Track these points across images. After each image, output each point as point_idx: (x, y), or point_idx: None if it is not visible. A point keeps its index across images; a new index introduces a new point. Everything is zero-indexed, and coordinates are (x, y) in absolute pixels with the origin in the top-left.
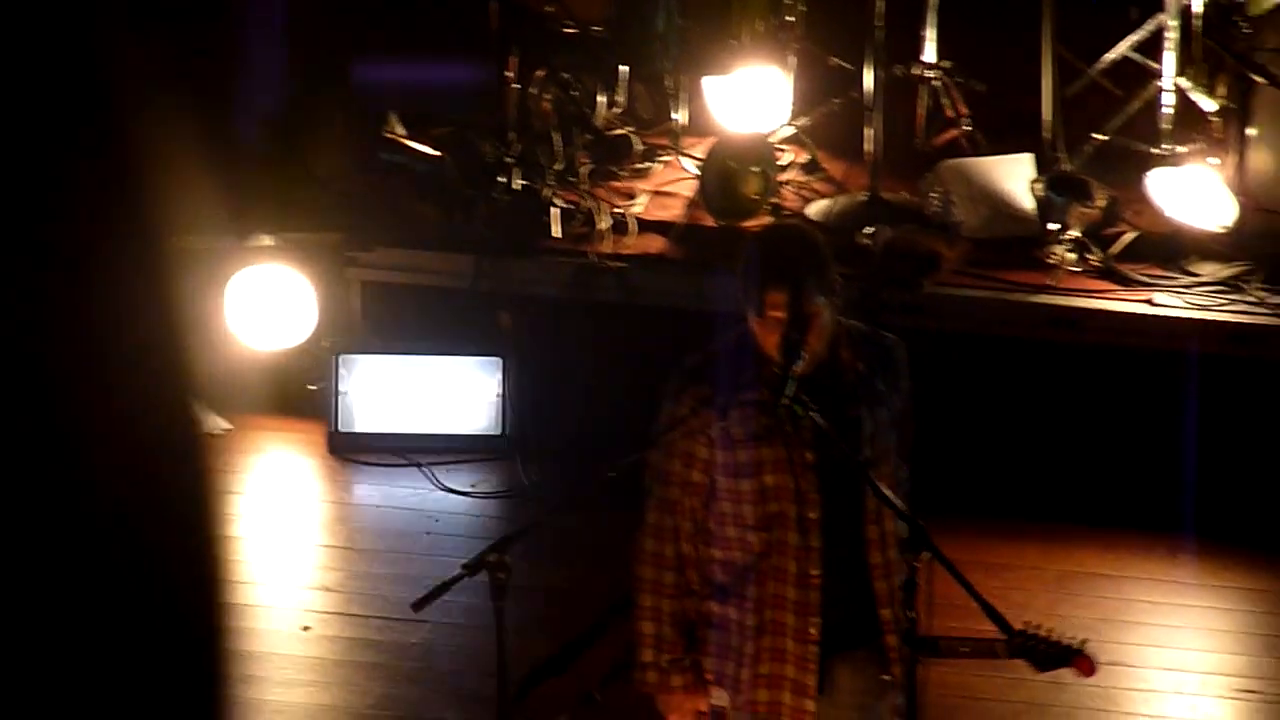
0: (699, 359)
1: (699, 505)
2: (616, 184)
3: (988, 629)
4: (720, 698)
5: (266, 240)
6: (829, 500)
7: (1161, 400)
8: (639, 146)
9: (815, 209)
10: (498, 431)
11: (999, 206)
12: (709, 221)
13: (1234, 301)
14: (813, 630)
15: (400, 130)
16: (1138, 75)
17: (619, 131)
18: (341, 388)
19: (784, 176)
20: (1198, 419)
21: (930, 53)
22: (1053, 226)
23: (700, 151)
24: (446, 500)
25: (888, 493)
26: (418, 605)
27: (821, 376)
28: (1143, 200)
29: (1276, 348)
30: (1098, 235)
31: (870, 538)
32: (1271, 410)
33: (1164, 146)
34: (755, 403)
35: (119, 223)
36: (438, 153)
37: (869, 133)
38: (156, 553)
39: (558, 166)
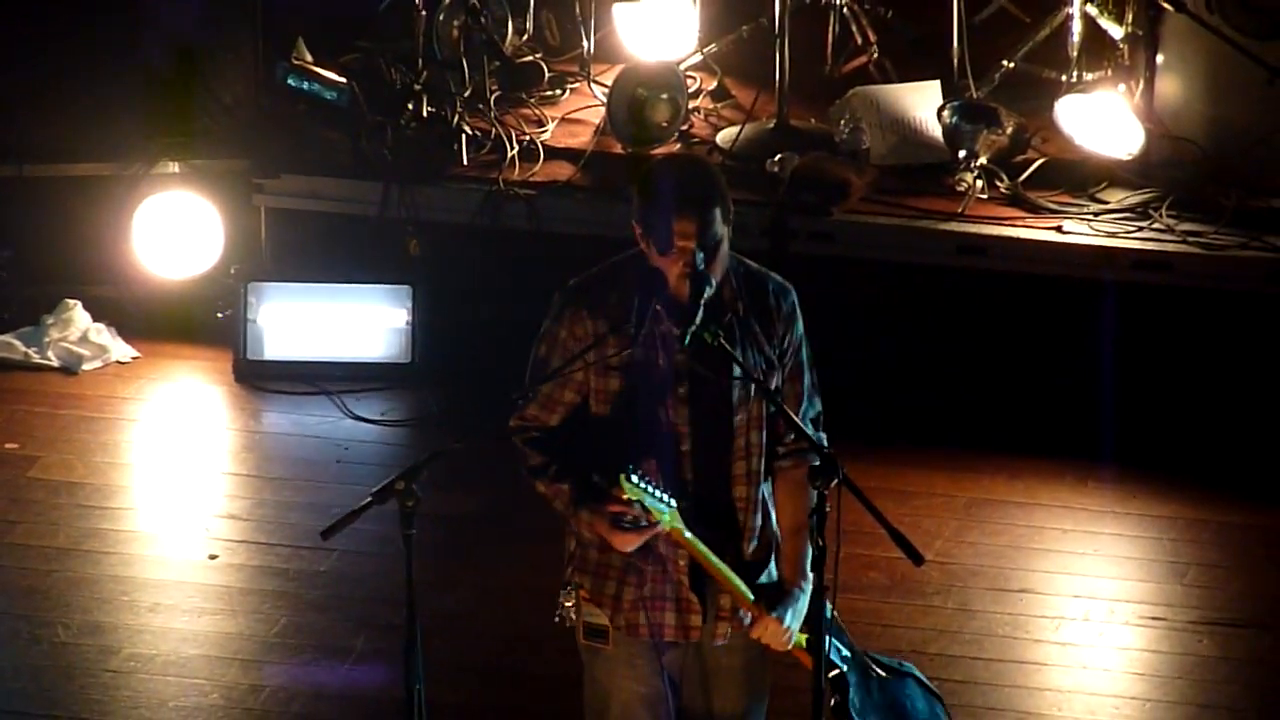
0: (584, 283)
1: (553, 417)
2: (525, 111)
3: (896, 556)
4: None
5: (173, 168)
6: (696, 434)
7: (1071, 327)
8: (548, 74)
9: (724, 136)
10: (407, 359)
11: (907, 134)
12: (617, 148)
13: (1142, 228)
14: (681, 563)
15: (308, 57)
16: (1046, 2)
17: (527, 59)
18: (249, 316)
19: (693, 104)
20: (1107, 346)
21: None
22: (961, 154)
23: (609, 79)
24: (356, 428)
25: (795, 419)
26: (326, 533)
27: (705, 308)
28: (1051, 127)
29: (1184, 274)
30: (1006, 162)
31: (736, 473)
32: (1179, 336)
33: (1072, 74)
34: (632, 333)
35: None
36: (345, 80)
37: (777, 59)
38: None
39: (466, 93)
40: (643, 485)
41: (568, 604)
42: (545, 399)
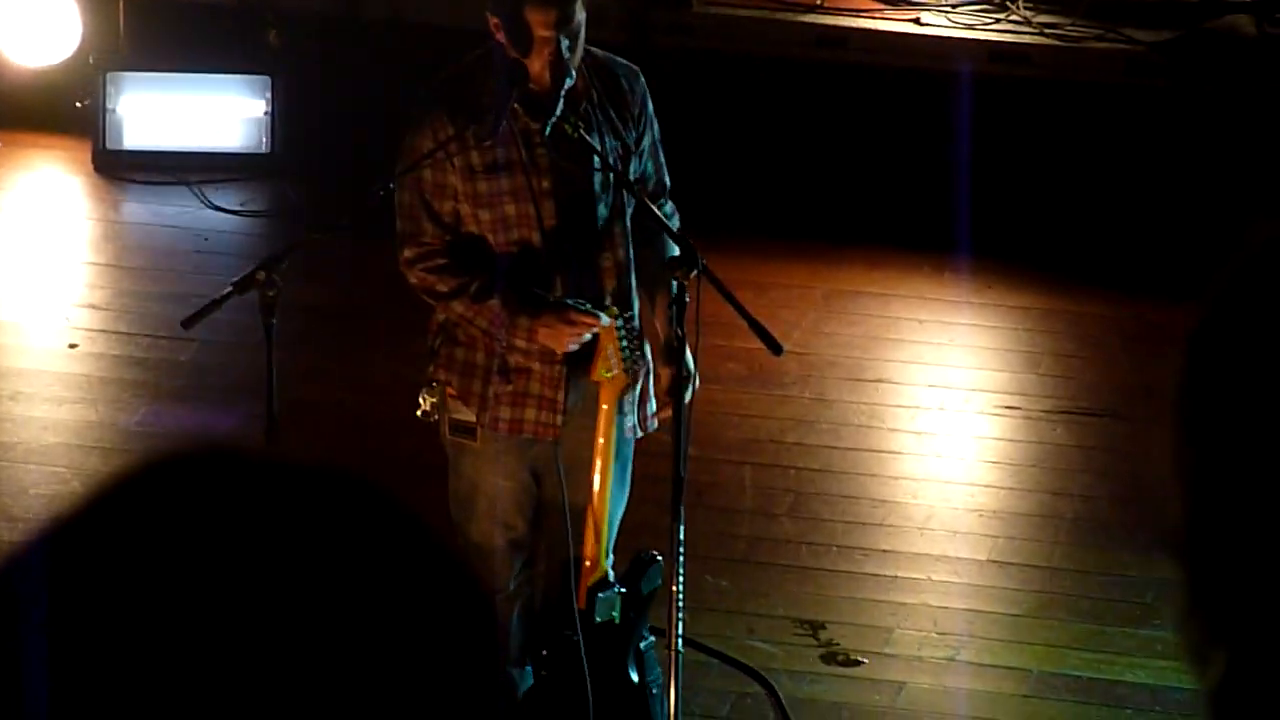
0: (439, 85)
1: (445, 234)
2: None
3: (755, 346)
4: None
5: None
6: (564, 227)
7: (929, 120)
8: None
9: None
10: (266, 150)
11: None
12: None
13: (999, 20)
14: (557, 367)
15: None
16: None
17: None
18: (108, 105)
19: None
20: (964, 138)
21: None
22: None
23: None
24: (215, 219)
25: (656, 211)
26: (187, 323)
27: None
28: None
29: (1041, 66)
30: None
31: (604, 265)
32: (1036, 128)
33: None
34: (492, 131)
35: None
36: None
37: None
38: None
39: None
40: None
41: (432, 400)
42: (431, 213)
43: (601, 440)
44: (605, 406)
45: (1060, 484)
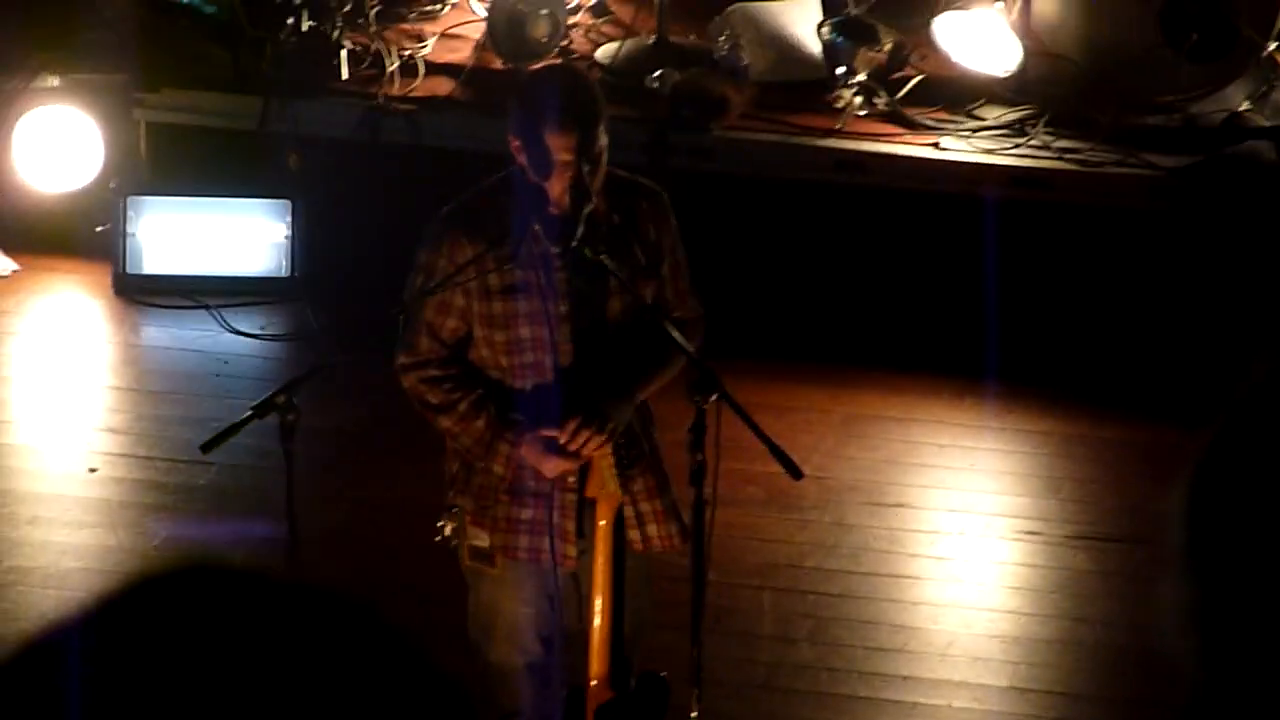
0: (460, 208)
1: (444, 349)
2: (405, 26)
3: (775, 470)
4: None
5: (53, 81)
6: (578, 349)
7: (950, 243)
8: None
9: (603, 52)
10: (286, 274)
11: (786, 51)
12: (497, 64)
13: (1019, 145)
14: (570, 477)
15: None
16: None
17: None
18: (129, 229)
19: (572, 19)
20: (986, 262)
21: None
22: (840, 71)
23: None
24: (235, 343)
25: (676, 335)
26: (207, 447)
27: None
28: (929, 45)
29: (1061, 190)
30: (885, 79)
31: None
32: (1057, 252)
33: None
34: (511, 253)
35: None
36: None
37: None
38: None
39: (346, 9)
40: None
41: (452, 525)
42: (431, 329)
43: (601, 558)
44: (602, 523)
45: (1082, 610)
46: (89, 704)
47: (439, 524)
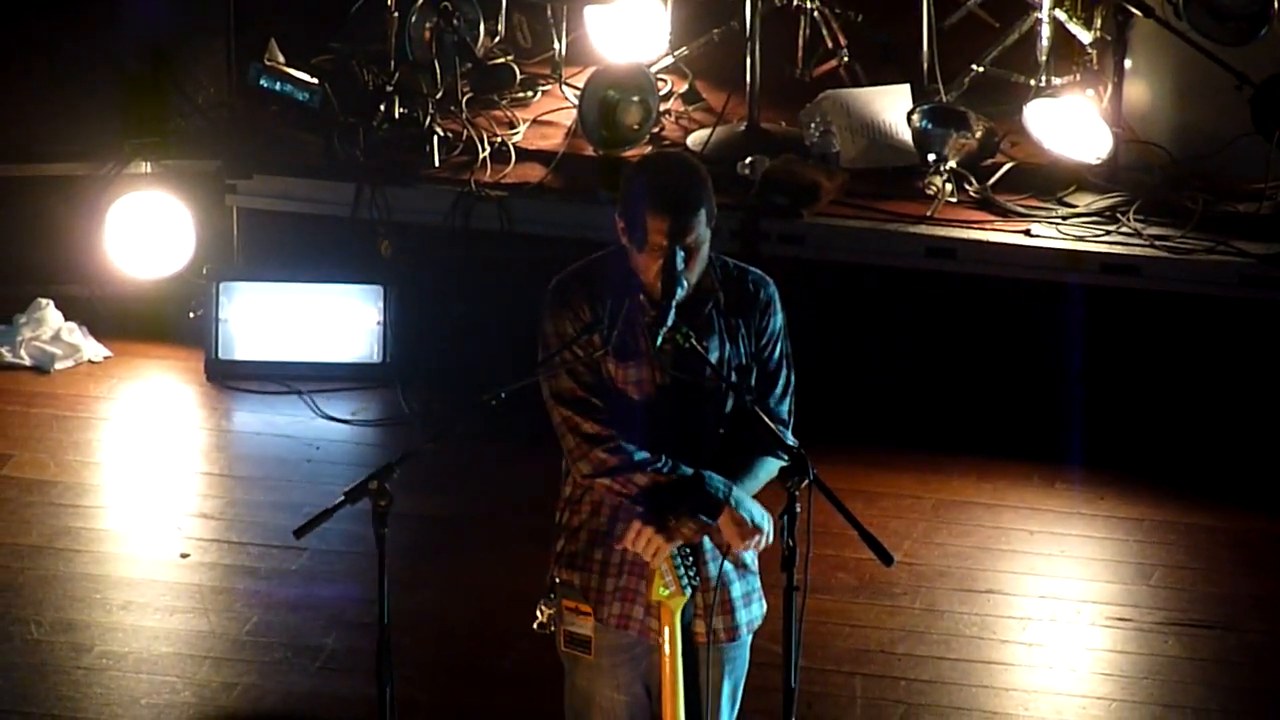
0: (565, 280)
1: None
2: (496, 113)
3: (865, 556)
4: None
5: (145, 168)
6: (671, 424)
7: (1039, 330)
8: (519, 75)
9: (695, 139)
10: (378, 359)
11: (877, 137)
12: (588, 151)
13: (1110, 232)
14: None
15: (280, 58)
16: (1015, 6)
17: (499, 60)
18: (221, 315)
19: (664, 106)
20: (1075, 348)
21: None
22: (931, 157)
23: (580, 81)
24: (327, 428)
25: (767, 420)
26: (299, 532)
27: (682, 305)
28: (1020, 131)
29: (1151, 277)
30: (975, 166)
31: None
32: (1146, 339)
33: (1041, 78)
34: (605, 331)
35: None
36: (317, 81)
37: (748, 63)
38: None
39: (438, 95)
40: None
41: (549, 612)
42: (577, 400)
43: (667, 664)
44: (667, 628)
45: (1173, 697)
46: None
47: (538, 609)
